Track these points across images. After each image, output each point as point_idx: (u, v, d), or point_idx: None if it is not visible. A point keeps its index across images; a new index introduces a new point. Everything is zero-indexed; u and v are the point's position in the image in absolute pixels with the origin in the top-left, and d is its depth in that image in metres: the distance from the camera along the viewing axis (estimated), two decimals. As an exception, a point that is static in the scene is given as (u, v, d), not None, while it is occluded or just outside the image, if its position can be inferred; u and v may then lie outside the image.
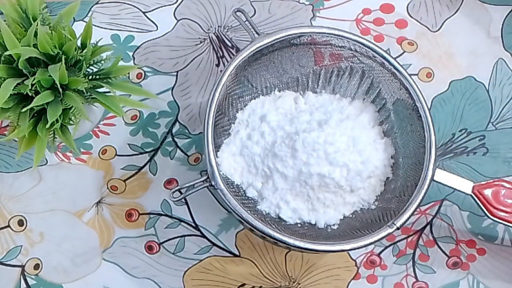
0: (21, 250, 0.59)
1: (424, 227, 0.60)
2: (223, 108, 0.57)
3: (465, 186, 0.54)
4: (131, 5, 0.67)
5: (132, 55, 0.65)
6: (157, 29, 0.67)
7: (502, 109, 0.63)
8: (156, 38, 0.66)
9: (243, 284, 0.59)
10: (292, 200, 0.56)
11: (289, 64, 0.60)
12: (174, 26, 0.67)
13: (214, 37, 0.66)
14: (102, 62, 0.55)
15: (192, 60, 0.65)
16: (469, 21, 0.67)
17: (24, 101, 0.51)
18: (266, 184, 0.56)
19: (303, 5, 0.68)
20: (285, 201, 0.56)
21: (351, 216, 0.57)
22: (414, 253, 0.60)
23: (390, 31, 0.67)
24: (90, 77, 0.55)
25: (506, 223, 0.53)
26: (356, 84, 0.60)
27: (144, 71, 0.65)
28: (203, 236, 0.60)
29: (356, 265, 0.59)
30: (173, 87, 0.64)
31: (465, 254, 0.59)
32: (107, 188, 0.61)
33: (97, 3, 0.67)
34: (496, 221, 0.54)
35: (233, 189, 0.56)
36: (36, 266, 0.59)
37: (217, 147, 0.56)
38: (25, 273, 0.59)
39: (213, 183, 0.52)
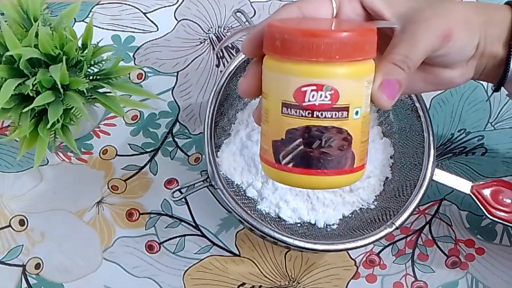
0: (22, 249, 0.59)
1: (423, 227, 0.60)
2: (223, 108, 0.58)
3: (464, 186, 0.54)
4: (131, 5, 0.68)
5: (133, 56, 0.66)
6: (157, 29, 0.67)
7: (501, 109, 0.64)
8: (156, 39, 0.66)
9: (243, 284, 0.59)
10: (292, 199, 0.56)
11: (288, 65, 0.60)
12: (175, 27, 0.67)
13: (214, 37, 0.66)
14: (103, 62, 0.55)
15: (192, 61, 0.66)
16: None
17: (25, 101, 0.52)
18: (266, 183, 0.56)
19: (302, 5, 0.68)
20: (285, 201, 0.56)
21: (350, 215, 0.57)
22: (413, 253, 0.60)
23: (389, 32, 0.67)
24: (91, 77, 0.55)
25: (504, 222, 0.54)
26: (355, 84, 0.60)
27: (145, 72, 0.65)
28: (203, 235, 0.60)
29: (355, 265, 0.59)
30: (173, 88, 0.65)
31: (464, 253, 0.60)
32: (108, 188, 0.61)
33: (97, 4, 0.67)
34: (495, 221, 0.54)
35: (233, 189, 0.56)
36: (37, 266, 0.59)
37: (217, 147, 0.56)
38: (26, 273, 0.59)
39: (213, 183, 0.52)
